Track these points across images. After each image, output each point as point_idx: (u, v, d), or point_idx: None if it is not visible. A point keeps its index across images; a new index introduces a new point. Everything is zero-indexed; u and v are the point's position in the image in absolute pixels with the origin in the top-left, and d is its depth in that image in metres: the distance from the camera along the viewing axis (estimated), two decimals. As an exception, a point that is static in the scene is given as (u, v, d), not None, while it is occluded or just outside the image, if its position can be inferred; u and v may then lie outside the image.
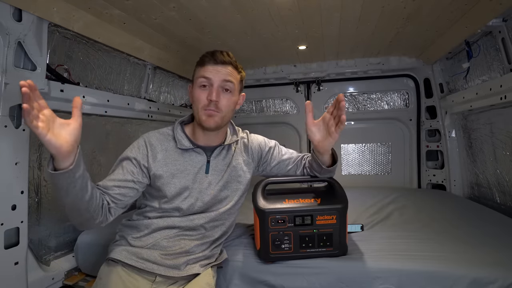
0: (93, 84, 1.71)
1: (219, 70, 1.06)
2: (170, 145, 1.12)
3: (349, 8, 1.52)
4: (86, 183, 0.88)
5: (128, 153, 1.10)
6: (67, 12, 1.34)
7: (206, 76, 1.06)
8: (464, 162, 2.29)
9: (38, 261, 1.37)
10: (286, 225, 1.13)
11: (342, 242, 1.16)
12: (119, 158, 1.11)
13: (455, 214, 1.71)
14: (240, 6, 1.47)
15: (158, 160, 1.09)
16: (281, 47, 2.16)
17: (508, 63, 1.56)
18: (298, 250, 1.14)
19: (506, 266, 1.04)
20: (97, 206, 0.94)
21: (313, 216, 1.13)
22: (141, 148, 1.10)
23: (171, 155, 1.11)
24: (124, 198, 1.04)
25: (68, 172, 0.80)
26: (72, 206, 0.90)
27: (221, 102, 1.08)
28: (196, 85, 1.09)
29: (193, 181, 1.12)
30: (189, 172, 1.12)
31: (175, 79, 2.53)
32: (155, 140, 1.11)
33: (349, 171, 2.86)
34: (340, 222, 1.14)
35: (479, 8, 1.45)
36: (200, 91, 1.07)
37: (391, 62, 2.50)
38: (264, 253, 1.15)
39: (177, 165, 1.11)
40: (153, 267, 1.06)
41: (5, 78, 1.13)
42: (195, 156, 1.13)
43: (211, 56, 1.07)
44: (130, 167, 1.07)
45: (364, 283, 1.08)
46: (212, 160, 1.15)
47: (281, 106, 3.02)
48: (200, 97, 1.07)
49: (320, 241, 1.14)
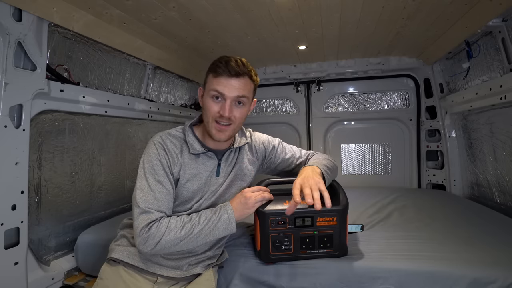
0: (93, 84, 1.71)
1: (234, 84, 1.01)
2: (184, 149, 1.10)
3: (349, 8, 1.52)
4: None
5: (158, 168, 1.04)
6: (67, 12, 1.34)
7: (219, 91, 1.01)
8: (464, 162, 2.29)
9: (38, 261, 1.37)
10: (287, 226, 1.12)
11: (342, 243, 1.15)
12: (148, 170, 1.03)
13: (455, 214, 1.71)
14: (240, 6, 1.47)
15: (176, 165, 1.08)
16: (281, 47, 2.16)
17: (508, 63, 1.56)
18: (298, 251, 1.14)
19: (506, 266, 1.04)
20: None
21: (313, 218, 1.12)
22: (163, 157, 1.05)
23: (185, 160, 1.09)
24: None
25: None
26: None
27: (234, 115, 1.05)
28: (208, 94, 1.04)
29: (205, 184, 1.12)
30: (202, 176, 1.11)
31: (175, 79, 2.53)
32: (171, 145, 1.08)
33: (349, 171, 2.86)
34: (341, 223, 1.13)
35: (479, 8, 1.45)
36: (212, 102, 1.04)
37: (391, 62, 2.50)
38: (265, 254, 1.15)
39: (191, 169, 1.09)
40: (155, 267, 1.06)
41: (5, 78, 1.13)
42: (207, 160, 1.12)
43: (225, 66, 1.00)
44: (168, 182, 1.05)
45: (364, 283, 1.08)
46: (222, 163, 1.15)
47: (281, 106, 3.02)
48: (212, 109, 1.03)
49: (321, 242, 1.14)
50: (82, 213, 1.70)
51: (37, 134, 1.41)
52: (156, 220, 0.97)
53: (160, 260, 1.07)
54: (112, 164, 1.93)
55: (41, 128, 1.43)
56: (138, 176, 1.04)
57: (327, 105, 2.88)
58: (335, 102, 2.87)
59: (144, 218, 0.96)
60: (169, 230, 0.97)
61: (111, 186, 1.92)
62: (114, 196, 1.94)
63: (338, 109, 2.87)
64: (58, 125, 1.52)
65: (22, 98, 1.21)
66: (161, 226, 0.96)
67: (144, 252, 0.99)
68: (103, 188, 1.86)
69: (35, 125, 1.38)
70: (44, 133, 1.45)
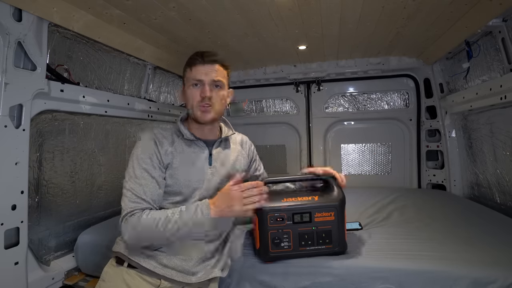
0: (93, 84, 1.71)
1: (208, 70, 1.13)
2: (175, 138, 1.16)
3: (349, 8, 1.52)
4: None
5: (145, 159, 1.08)
6: (67, 12, 1.34)
7: (197, 78, 1.12)
8: (464, 162, 2.29)
9: (38, 261, 1.37)
10: (285, 222, 1.14)
11: (341, 239, 1.16)
12: (135, 162, 1.07)
13: (455, 214, 1.71)
14: (240, 6, 1.47)
15: (168, 152, 1.12)
16: (281, 47, 2.16)
17: (508, 63, 1.56)
18: (297, 248, 1.15)
19: (506, 266, 1.04)
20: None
21: (311, 213, 1.15)
22: (152, 147, 1.10)
23: (178, 146, 1.14)
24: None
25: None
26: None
27: (214, 97, 1.14)
28: (188, 84, 1.15)
29: (200, 172, 1.15)
30: (195, 164, 1.15)
31: (175, 79, 2.53)
32: (160, 135, 1.14)
33: (349, 171, 2.86)
34: (338, 218, 1.15)
35: (479, 8, 1.45)
36: (193, 89, 1.14)
37: (391, 62, 2.50)
38: (264, 252, 1.16)
39: (185, 155, 1.13)
40: (171, 272, 1.05)
41: (5, 78, 1.13)
42: (199, 148, 1.17)
43: (199, 56, 1.13)
44: (156, 171, 1.08)
45: (364, 282, 1.09)
46: (213, 153, 1.19)
47: (281, 106, 3.02)
48: (194, 95, 1.13)
49: (319, 238, 1.15)
50: (82, 213, 1.70)
51: (37, 134, 1.41)
52: (135, 210, 1.00)
53: (164, 259, 1.06)
54: (112, 164, 1.93)
55: (41, 128, 1.43)
56: (127, 165, 1.09)
57: (327, 105, 2.88)
58: (335, 102, 2.87)
59: (127, 207, 1.01)
60: (145, 223, 0.97)
61: (111, 186, 1.92)
62: (114, 196, 1.94)
63: (338, 109, 2.87)
64: (58, 125, 1.52)
65: (22, 98, 1.21)
66: (135, 218, 0.98)
67: (127, 243, 1.02)
68: (103, 188, 1.86)
69: (35, 125, 1.38)
70: (44, 133, 1.45)
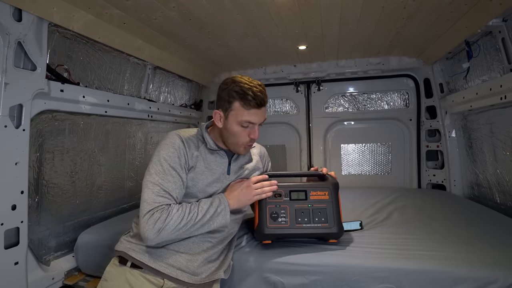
0: (93, 84, 1.71)
1: (262, 113, 1.16)
2: (200, 145, 1.20)
3: (349, 8, 1.52)
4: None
5: (174, 158, 1.10)
6: (67, 12, 1.34)
7: (251, 121, 1.14)
8: (464, 162, 2.29)
9: (38, 261, 1.37)
10: (283, 199, 1.23)
11: (336, 220, 1.21)
12: (163, 160, 1.09)
13: (455, 214, 1.71)
14: (240, 6, 1.47)
15: (194, 156, 1.15)
16: (281, 47, 2.16)
17: (508, 63, 1.56)
18: (294, 225, 1.20)
19: (506, 266, 1.04)
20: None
21: (307, 192, 1.24)
22: (181, 148, 1.13)
23: (202, 153, 1.18)
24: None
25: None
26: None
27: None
28: (237, 122, 1.15)
29: (218, 180, 1.19)
30: (215, 172, 1.19)
31: (175, 79, 2.53)
32: (188, 139, 1.17)
33: (349, 171, 2.85)
34: (333, 198, 1.23)
35: (479, 8, 1.45)
36: (242, 130, 1.16)
37: (391, 62, 2.50)
38: (261, 228, 1.20)
39: (208, 161, 1.18)
40: (177, 272, 1.05)
41: (5, 78, 1.13)
42: (220, 158, 1.22)
43: (254, 99, 1.11)
44: (181, 170, 1.11)
45: (364, 282, 1.09)
46: (232, 163, 1.24)
47: (281, 106, 3.02)
48: (242, 135, 1.16)
49: (315, 216, 1.21)
50: (82, 213, 1.70)
51: (37, 134, 1.41)
52: (162, 205, 1.01)
53: (171, 259, 1.06)
54: (112, 164, 1.93)
55: (41, 128, 1.43)
56: (151, 161, 1.09)
57: (327, 105, 2.88)
58: (335, 102, 2.87)
59: (153, 201, 1.01)
60: (171, 217, 1.00)
61: (111, 186, 1.92)
62: (114, 196, 1.94)
63: (338, 109, 2.87)
64: (58, 125, 1.52)
65: (22, 98, 1.22)
66: (164, 212, 1.00)
67: (146, 238, 0.99)
68: (103, 188, 1.86)
69: (35, 125, 1.38)
70: (44, 133, 1.45)
